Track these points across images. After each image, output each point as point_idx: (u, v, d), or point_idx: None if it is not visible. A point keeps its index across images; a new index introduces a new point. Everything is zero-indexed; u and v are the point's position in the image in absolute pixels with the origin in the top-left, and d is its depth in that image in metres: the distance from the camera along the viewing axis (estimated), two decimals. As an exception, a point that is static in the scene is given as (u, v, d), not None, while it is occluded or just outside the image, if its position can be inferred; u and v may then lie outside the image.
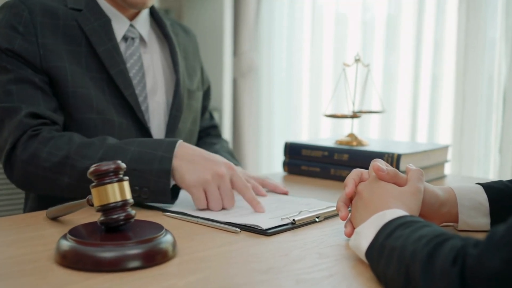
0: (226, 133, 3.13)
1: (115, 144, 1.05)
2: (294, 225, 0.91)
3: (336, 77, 2.83)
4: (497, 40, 2.25)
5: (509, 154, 2.22)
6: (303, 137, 3.00)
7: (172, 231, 0.84)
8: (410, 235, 0.63)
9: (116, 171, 0.76)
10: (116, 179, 0.76)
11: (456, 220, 0.88)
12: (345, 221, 0.86)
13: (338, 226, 0.93)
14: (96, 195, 0.76)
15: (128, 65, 1.23)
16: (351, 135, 1.41)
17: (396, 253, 0.62)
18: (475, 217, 0.88)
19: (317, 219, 0.96)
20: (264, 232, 0.87)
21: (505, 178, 2.21)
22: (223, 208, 1.01)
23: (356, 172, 0.88)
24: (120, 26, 1.24)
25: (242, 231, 0.88)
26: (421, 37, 2.51)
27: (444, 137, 2.48)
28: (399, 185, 0.82)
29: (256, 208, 1.00)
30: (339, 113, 1.47)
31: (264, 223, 0.90)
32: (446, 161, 1.41)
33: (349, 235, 0.84)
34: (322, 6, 2.89)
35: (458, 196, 0.88)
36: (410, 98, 2.56)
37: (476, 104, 2.32)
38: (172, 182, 1.02)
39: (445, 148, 1.40)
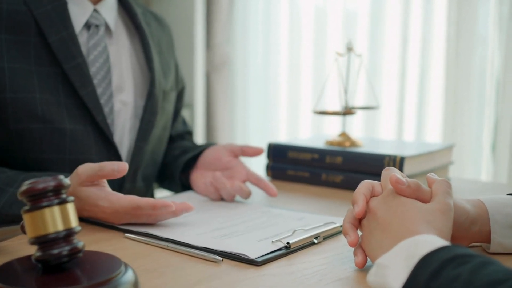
0: (198, 131, 2.95)
1: None
2: (288, 250, 0.74)
3: (316, 72, 2.67)
4: (489, 32, 2.12)
5: (503, 152, 2.08)
6: (281, 136, 2.83)
7: (134, 261, 0.66)
8: (473, 279, 0.45)
9: (57, 189, 0.57)
10: (57, 201, 0.56)
11: (487, 240, 0.72)
12: (354, 247, 0.69)
13: (342, 249, 0.75)
14: (30, 223, 0.56)
15: (91, 57, 1.03)
16: (343, 135, 1.24)
17: None
18: (511, 237, 0.72)
19: (315, 241, 0.78)
20: (253, 262, 0.69)
21: (500, 178, 2.09)
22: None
23: (366, 185, 0.70)
24: (81, 11, 1.04)
25: (224, 260, 0.70)
26: (407, 30, 2.37)
27: (433, 135, 2.34)
28: (423, 201, 0.65)
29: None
30: (326, 109, 1.29)
31: (251, 249, 0.71)
32: (451, 162, 1.25)
33: (361, 265, 0.66)
34: (300, -4, 2.73)
35: (490, 211, 0.72)
36: (397, 95, 2.41)
37: (467, 99, 2.18)
38: None
39: (450, 148, 1.24)
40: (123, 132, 1.08)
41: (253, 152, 1.07)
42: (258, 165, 2.87)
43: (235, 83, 3.00)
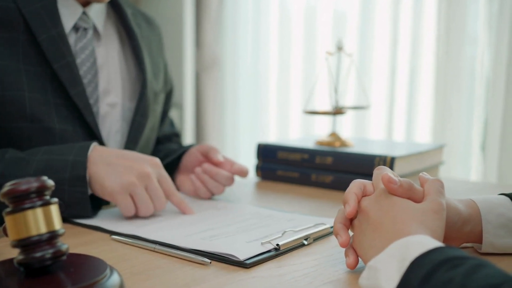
0: (188, 132, 2.93)
1: (17, 156, 0.88)
2: (278, 251, 0.72)
3: (306, 71, 2.66)
4: (479, 31, 2.12)
5: (493, 152, 2.08)
6: (271, 136, 2.82)
7: (120, 264, 0.64)
8: (466, 282, 0.44)
9: (40, 191, 0.55)
10: (40, 203, 0.55)
11: (479, 240, 0.71)
12: (345, 248, 0.68)
13: (332, 251, 0.74)
14: (12, 225, 0.54)
15: (78, 60, 1.01)
16: (334, 135, 1.23)
17: None
18: (503, 236, 0.71)
19: (305, 242, 0.77)
20: (242, 264, 0.67)
21: (489, 178, 2.09)
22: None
23: (357, 184, 0.69)
24: (70, 12, 1.01)
25: (213, 262, 0.68)
26: (397, 30, 2.37)
27: (423, 134, 2.33)
28: (415, 201, 0.64)
29: (186, 211, 0.92)
30: (317, 109, 1.28)
31: (240, 250, 0.70)
32: (441, 163, 1.25)
33: (352, 266, 0.65)
34: (290, -5, 2.72)
35: (483, 211, 0.71)
36: (387, 94, 2.41)
37: (457, 99, 2.18)
38: (90, 192, 0.88)
39: (440, 148, 1.23)
40: (109, 135, 1.07)
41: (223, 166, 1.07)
42: (248, 165, 2.86)
43: (224, 83, 2.99)
